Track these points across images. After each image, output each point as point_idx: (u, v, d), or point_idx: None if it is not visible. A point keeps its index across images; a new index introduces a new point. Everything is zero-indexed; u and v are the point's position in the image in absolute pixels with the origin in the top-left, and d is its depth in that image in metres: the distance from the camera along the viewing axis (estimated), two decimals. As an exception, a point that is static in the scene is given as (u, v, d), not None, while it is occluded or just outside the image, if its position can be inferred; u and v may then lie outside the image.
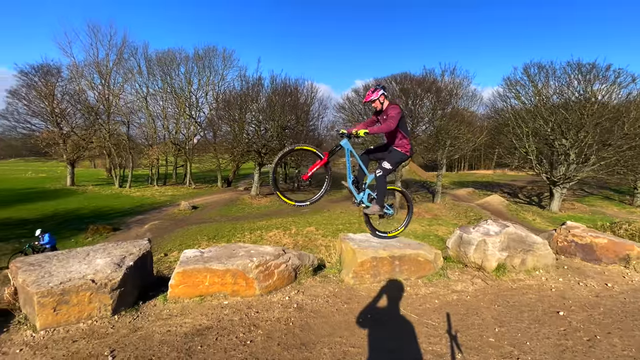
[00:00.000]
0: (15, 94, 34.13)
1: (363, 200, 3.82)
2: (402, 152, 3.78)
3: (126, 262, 3.23)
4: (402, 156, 3.80)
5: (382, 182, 3.72)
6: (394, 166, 3.76)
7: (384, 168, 3.69)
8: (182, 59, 39.76)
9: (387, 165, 3.70)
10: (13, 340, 2.65)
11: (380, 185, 3.75)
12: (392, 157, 3.75)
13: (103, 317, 2.94)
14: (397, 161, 3.79)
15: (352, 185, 3.81)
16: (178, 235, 17.89)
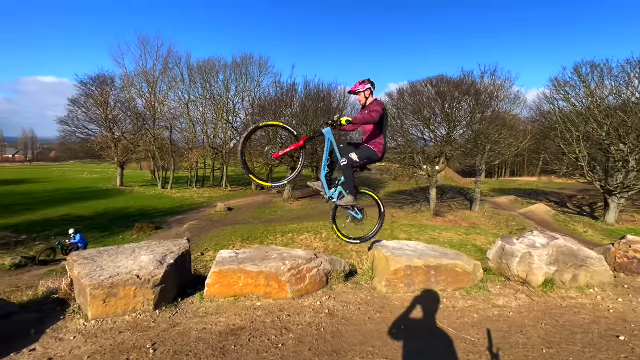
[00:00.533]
0: (76, 102, 37.76)
1: (333, 196, 3.77)
2: (374, 149, 3.64)
3: (167, 260, 3.41)
4: (372, 153, 3.64)
5: (347, 171, 3.61)
6: (361, 160, 3.60)
7: (349, 158, 3.56)
8: (221, 67, 41.67)
9: (354, 156, 3.57)
10: (68, 327, 2.89)
11: (346, 175, 3.66)
12: (361, 151, 3.63)
13: (146, 311, 3.12)
14: (366, 156, 3.62)
15: (324, 179, 3.74)
16: (214, 235, 18.61)
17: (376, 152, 3.64)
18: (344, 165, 3.56)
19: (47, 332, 2.81)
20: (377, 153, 3.65)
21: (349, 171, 3.60)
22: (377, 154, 3.65)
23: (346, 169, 3.59)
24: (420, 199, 30.26)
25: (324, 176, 3.74)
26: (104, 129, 38.48)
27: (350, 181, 3.65)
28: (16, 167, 65.30)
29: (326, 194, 3.75)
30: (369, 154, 3.63)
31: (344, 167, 3.58)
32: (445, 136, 27.17)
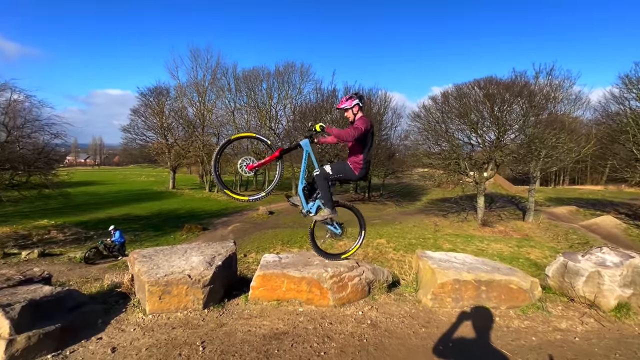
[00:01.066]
0: (136, 112, 41.64)
1: (311, 210, 3.64)
2: (350, 167, 3.51)
3: (216, 262, 3.58)
4: (347, 170, 3.52)
5: (320, 182, 3.49)
6: (334, 174, 3.50)
7: (322, 169, 3.48)
8: (265, 75, 43.37)
9: (327, 168, 3.51)
10: (129, 320, 3.15)
11: (320, 186, 3.53)
12: (336, 165, 3.55)
13: (195, 310, 3.29)
14: (340, 171, 3.52)
15: (302, 192, 3.62)
16: (256, 237, 19.25)
17: (352, 169, 3.51)
18: (317, 176, 3.50)
19: (112, 322, 3.08)
20: (353, 171, 3.52)
21: (322, 182, 3.50)
22: (352, 172, 3.52)
23: (319, 179, 3.50)
24: (466, 207, 28.64)
25: (301, 189, 3.64)
26: (159, 136, 41.91)
27: (325, 193, 3.52)
28: (87, 170, 73.40)
29: (303, 207, 3.65)
30: (344, 170, 3.53)
31: (316, 177, 3.51)
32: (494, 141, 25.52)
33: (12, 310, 2.56)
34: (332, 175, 3.51)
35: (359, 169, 3.51)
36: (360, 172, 3.52)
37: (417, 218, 27.15)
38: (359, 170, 3.52)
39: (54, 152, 17.59)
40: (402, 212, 30.96)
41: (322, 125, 3.29)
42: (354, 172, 3.51)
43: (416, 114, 30.47)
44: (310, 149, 3.49)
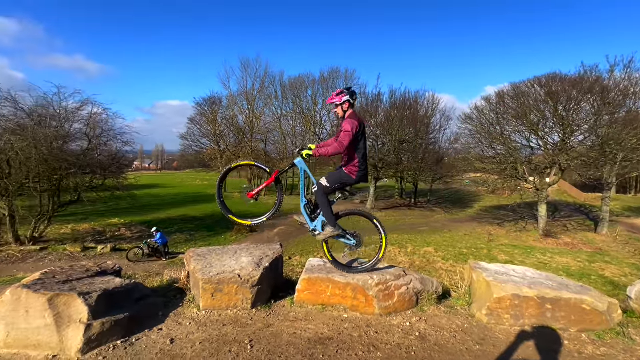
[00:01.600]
0: (193, 121, 45.18)
1: (317, 227, 3.50)
2: (345, 172, 3.36)
3: (263, 263, 3.70)
4: (344, 176, 3.37)
5: (319, 198, 3.40)
6: (331, 185, 3.38)
7: (319, 184, 3.38)
8: (310, 82, 44.33)
9: (323, 181, 3.40)
10: (185, 314, 3.38)
11: (319, 202, 3.43)
12: (332, 176, 3.42)
13: (244, 309, 3.43)
14: (336, 180, 3.39)
15: (304, 210, 3.54)
16: (300, 241, 19.58)
17: (348, 175, 3.38)
18: (315, 192, 3.43)
19: (170, 315, 3.33)
20: (350, 176, 3.37)
21: (321, 198, 3.42)
22: (350, 177, 3.38)
23: (318, 195, 3.43)
24: (525, 215, 26.26)
25: (303, 207, 3.58)
26: (213, 142, 44.93)
27: (326, 209, 3.43)
28: (151, 174, 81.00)
29: (309, 226, 3.56)
30: (340, 177, 3.40)
31: (315, 193, 3.44)
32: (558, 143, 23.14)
33: (90, 298, 2.89)
34: (330, 187, 3.42)
35: (355, 173, 3.38)
36: (357, 175, 3.39)
37: (469, 226, 25.53)
38: (355, 174, 3.39)
39: (125, 158, 19.72)
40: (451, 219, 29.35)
41: (308, 153, 3.27)
42: (350, 176, 3.40)
43: (467, 115, 28.79)
44: (305, 165, 3.46)
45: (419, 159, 33.05)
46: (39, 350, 2.72)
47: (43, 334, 2.73)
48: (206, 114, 44.31)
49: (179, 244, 18.70)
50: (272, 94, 45.29)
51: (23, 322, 2.76)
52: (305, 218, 3.58)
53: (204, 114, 44.49)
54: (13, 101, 14.07)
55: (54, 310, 2.75)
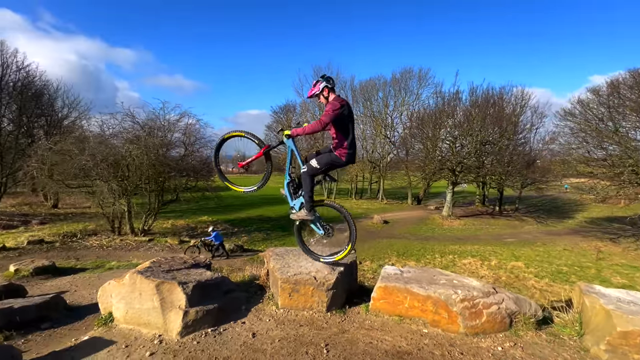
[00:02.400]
0: (269, 128, 48.47)
1: (295, 206, 3.61)
2: (336, 154, 3.37)
3: (338, 267, 3.69)
4: (333, 159, 3.38)
5: (306, 180, 3.44)
6: (322, 167, 3.40)
7: (309, 165, 3.40)
8: (381, 85, 43.60)
9: (314, 163, 3.40)
10: (265, 310, 3.56)
11: (304, 183, 3.46)
12: (322, 157, 3.42)
13: (319, 311, 3.46)
14: (326, 162, 3.40)
15: (287, 188, 3.65)
16: (371, 246, 19.24)
17: (338, 157, 3.38)
18: (303, 173, 3.47)
19: (252, 310, 3.55)
20: (340, 158, 3.38)
21: (306, 179, 3.46)
22: (339, 159, 3.39)
23: (304, 176, 3.47)
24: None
25: (286, 185, 3.69)
26: (287, 147, 47.46)
27: (307, 192, 3.48)
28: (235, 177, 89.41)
29: (290, 203, 3.70)
30: (331, 158, 3.41)
31: (302, 174, 3.48)
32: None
33: (187, 287, 3.25)
34: (320, 169, 3.44)
35: (344, 155, 3.39)
36: (346, 157, 3.40)
37: (569, 240, 21.83)
38: (345, 156, 3.39)
39: (213, 161, 22.11)
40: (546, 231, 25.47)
41: (287, 133, 3.32)
42: (340, 158, 3.40)
43: (567, 111, 24.68)
44: (294, 145, 3.49)
45: (505, 162, 29.50)
46: (148, 329, 3.16)
47: (151, 315, 3.17)
48: (281, 121, 47.11)
49: (257, 242, 20.11)
50: (343, 99, 45.86)
51: (137, 302, 3.25)
52: (287, 195, 3.73)
53: (280, 121, 47.37)
54: (131, 116, 17.07)
55: (160, 295, 3.16)
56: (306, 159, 3.57)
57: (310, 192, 3.52)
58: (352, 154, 3.44)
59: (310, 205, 3.55)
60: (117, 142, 16.80)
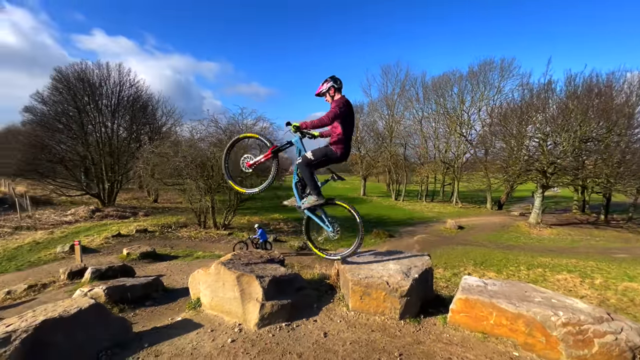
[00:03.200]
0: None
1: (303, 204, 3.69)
2: (331, 148, 3.49)
3: (412, 274, 3.50)
4: (329, 151, 3.50)
5: (303, 170, 3.54)
6: (316, 158, 3.49)
7: (303, 156, 3.50)
8: (456, 79, 40.54)
9: (308, 154, 3.50)
10: (336, 311, 3.56)
11: (303, 174, 3.58)
12: (317, 150, 3.52)
13: (392, 318, 3.32)
14: (322, 154, 3.50)
15: (295, 187, 3.72)
16: (443, 252, 18.00)
17: (333, 150, 3.50)
18: (299, 163, 3.54)
19: (323, 309, 3.58)
20: (335, 152, 3.50)
21: (305, 169, 3.54)
22: (334, 153, 3.50)
23: (301, 166, 3.55)
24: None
25: (294, 184, 3.75)
26: (354, 148, 47.42)
27: (310, 180, 3.58)
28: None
29: (297, 202, 3.75)
30: (326, 151, 3.50)
31: (299, 165, 3.55)
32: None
33: (263, 281, 3.44)
34: (314, 160, 3.51)
35: (340, 149, 3.50)
36: (341, 152, 3.51)
37: None
38: (340, 150, 3.50)
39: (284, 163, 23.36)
40: None
41: (295, 125, 3.37)
42: (335, 152, 3.50)
43: None
44: (302, 144, 3.58)
45: (614, 162, 24.62)
46: (230, 317, 3.43)
47: (232, 304, 3.43)
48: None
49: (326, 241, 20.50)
50: (413, 97, 43.94)
51: (221, 291, 3.55)
52: (295, 195, 3.79)
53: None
54: (215, 122, 19.03)
55: (240, 287, 3.40)
56: None
57: (312, 180, 3.61)
58: (347, 149, 3.55)
59: (318, 190, 3.63)
60: (203, 145, 18.84)
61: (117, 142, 28.06)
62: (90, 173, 27.53)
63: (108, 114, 27.62)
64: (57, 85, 25.98)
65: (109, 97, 27.65)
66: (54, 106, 26.08)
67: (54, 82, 26.10)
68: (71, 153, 26.65)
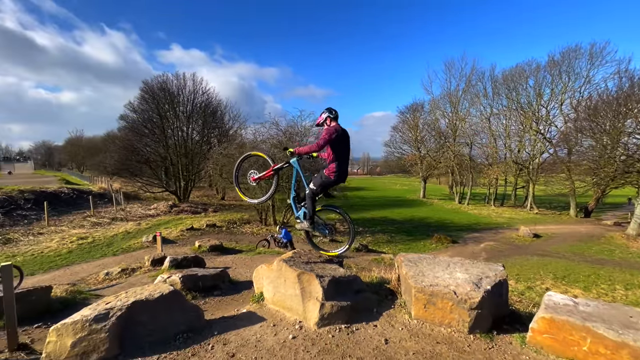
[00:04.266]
0: (395, 129, 47.66)
1: (299, 216, 4.16)
2: (325, 174, 3.85)
3: (483, 285, 3.20)
4: (324, 179, 3.87)
5: (308, 201, 4.01)
6: (318, 187, 3.91)
7: (310, 188, 3.96)
8: (532, 71, 36.28)
9: (312, 186, 3.96)
10: (397, 318, 3.42)
11: (307, 204, 4.04)
12: (315, 179, 3.95)
13: (460, 331, 3.07)
14: (320, 183, 3.90)
15: (293, 201, 4.25)
16: (515, 263, 16.26)
17: (327, 176, 3.86)
18: (307, 195, 4.01)
19: (384, 315, 3.47)
20: (329, 176, 3.85)
21: (309, 200, 4.01)
22: (328, 178, 3.86)
23: (307, 198, 4.02)
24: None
25: (292, 199, 4.24)
26: (414, 148, 45.54)
27: (309, 209, 4.03)
28: (359, 178, 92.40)
29: (295, 213, 4.21)
30: (322, 179, 3.90)
31: (306, 196, 4.03)
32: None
33: (323, 280, 3.45)
34: (317, 190, 3.96)
35: (333, 174, 3.84)
36: (335, 176, 3.84)
37: None
38: (333, 175, 3.84)
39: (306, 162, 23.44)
40: None
41: (290, 150, 3.88)
42: (329, 177, 3.86)
43: None
44: (298, 165, 4.05)
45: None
46: (291, 313, 3.52)
47: (293, 301, 3.51)
48: (408, 121, 45.53)
49: (381, 243, 20.04)
50: (480, 92, 40.52)
51: (282, 288, 3.66)
52: (293, 207, 4.26)
53: (406, 121, 45.88)
54: (276, 124, 19.96)
55: (301, 285, 3.47)
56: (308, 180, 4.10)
57: (312, 209, 4.05)
58: (341, 172, 3.84)
59: (311, 219, 4.07)
60: (265, 146, 19.85)
61: (191, 144, 31.12)
62: (169, 172, 30.97)
63: (184, 119, 30.78)
64: (144, 96, 29.82)
65: (185, 104, 30.82)
66: (142, 114, 29.99)
67: (141, 93, 30.04)
68: (154, 155, 30.29)
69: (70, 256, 12.47)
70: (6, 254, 12.81)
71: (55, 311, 5.21)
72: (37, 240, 14.64)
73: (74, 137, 76.25)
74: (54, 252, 12.91)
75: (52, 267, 11.11)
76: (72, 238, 14.71)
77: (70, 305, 5.53)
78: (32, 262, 11.73)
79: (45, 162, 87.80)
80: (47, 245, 13.76)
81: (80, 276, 9.15)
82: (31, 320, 4.73)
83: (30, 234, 15.53)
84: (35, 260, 11.99)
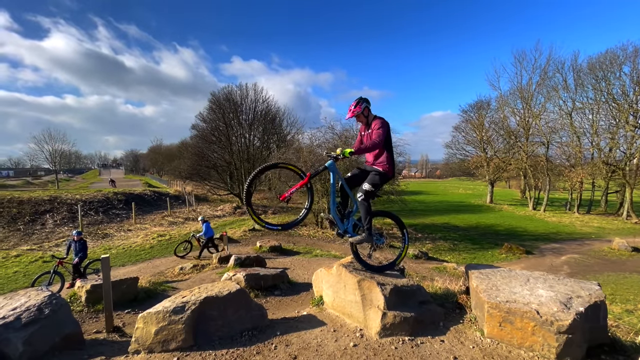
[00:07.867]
0: (457, 129, 44.63)
1: (348, 229, 3.59)
2: (382, 170, 3.50)
3: (574, 306, 2.77)
4: (382, 176, 3.50)
5: (364, 206, 3.45)
6: (375, 188, 3.47)
7: (365, 191, 3.44)
8: (628, 55, 30.98)
9: (366, 186, 3.45)
10: (467, 334, 3.14)
11: (363, 211, 3.47)
12: (371, 178, 3.49)
13: (544, 357, 2.69)
14: (377, 182, 3.48)
15: (335, 213, 3.53)
16: (608, 281, 13.96)
17: (385, 171, 3.50)
18: (361, 200, 3.44)
19: (451, 330, 3.22)
20: (387, 173, 3.51)
21: (365, 205, 3.44)
22: (386, 174, 3.52)
23: (363, 203, 3.45)
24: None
25: (334, 210, 3.53)
26: (479, 149, 42.11)
27: (366, 216, 3.47)
28: (417, 181, 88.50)
29: (340, 228, 3.55)
30: (380, 177, 3.49)
31: (361, 202, 3.45)
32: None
33: (385, 289, 3.33)
34: (375, 191, 3.47)
35: (387, 168, 3.50)
36: (392, 170, 3.52)
37: None
38: (392, 171, 3.51)
39: (399, 166, 22.67)
40: None
41: (351, 150, 3.29)
42: (387, 174, 3.51)
43: None
44: (336, 168, 3.50)
45: None
46: (351, 320, 3.46)
47: (354, 308, 3.45)
48: (472, 120, 42.31)
49: (443, 251, 18.89)
50: (559, 84, 35.85)
51: (342, 293, 3.63)
52: (336, 220, 3.54)
53: (470, 120, 42.68)
54: (331, 128, 20.18)
55: (361, 292, 3.39)
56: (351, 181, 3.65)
57: (369, 216, 3.51)
58: (394, 165, 3.57)
59: (370, 231, 3.52)
60: (320, 151, 20.17)
61: (252, 150, 33.06)
62: (234, 176, 33.25)
63: (246, 126, 32.86)
64: (212, 106, 32.60)
65: (247, 113, 32.92)
66: (210, 123, 32.81)
67: (210, 104, 32.88)
68: (220, 160, 32.84)
69: (152, 251, 14.10)
70: (104, 246, 15.00)
71: (141, 300, 5.90)
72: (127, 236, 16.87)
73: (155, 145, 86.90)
74: (139, 247, 14.74)
75: (138, 259, 12.68)
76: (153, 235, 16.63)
77: (153, 296, 6.22)
78: (123, 254, 13.53)
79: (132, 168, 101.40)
80: (134, 241, 15.77)
81: (160, 269, 10.27)
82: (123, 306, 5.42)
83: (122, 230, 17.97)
84: (125, 253, 13.82)
